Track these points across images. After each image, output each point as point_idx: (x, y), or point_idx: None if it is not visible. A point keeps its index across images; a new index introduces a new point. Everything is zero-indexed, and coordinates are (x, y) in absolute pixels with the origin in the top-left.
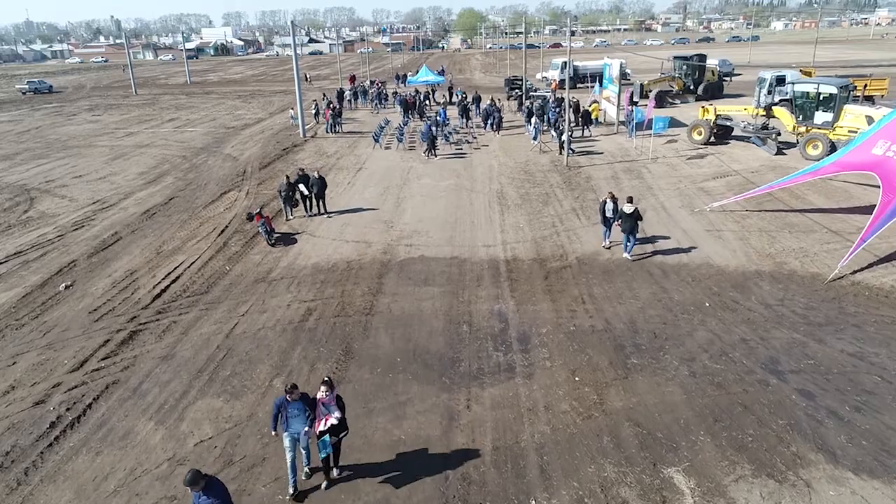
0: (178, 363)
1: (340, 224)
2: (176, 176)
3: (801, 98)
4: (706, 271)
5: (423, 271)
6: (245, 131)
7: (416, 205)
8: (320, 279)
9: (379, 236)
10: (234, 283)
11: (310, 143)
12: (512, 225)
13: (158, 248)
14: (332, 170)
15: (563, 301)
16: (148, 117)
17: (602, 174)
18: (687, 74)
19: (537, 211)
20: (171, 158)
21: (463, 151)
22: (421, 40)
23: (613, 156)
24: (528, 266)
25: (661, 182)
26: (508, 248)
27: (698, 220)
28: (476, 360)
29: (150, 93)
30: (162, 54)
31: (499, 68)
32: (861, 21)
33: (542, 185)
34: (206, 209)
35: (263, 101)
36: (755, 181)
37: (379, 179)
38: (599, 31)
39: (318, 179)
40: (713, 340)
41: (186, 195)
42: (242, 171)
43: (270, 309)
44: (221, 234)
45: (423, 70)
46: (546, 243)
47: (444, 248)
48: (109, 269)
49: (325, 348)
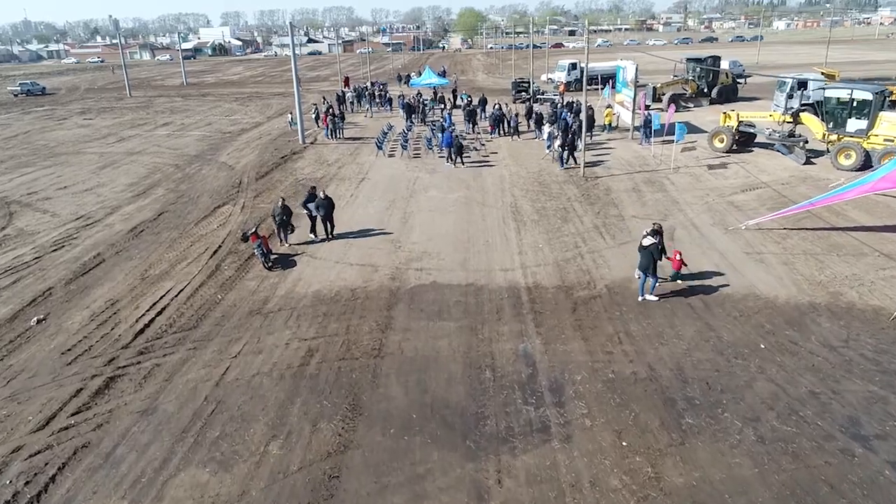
0: (160, 420)
1: (343, 244)
2: (167, 187)
3: (833, 104)
4: (753, 304)
5: (436, 301)
6: (242, 137)
7: (424, 221)
8: (322, 311)
9: (386, 258)
10: (227, 315)
11: (309, 150)
12: (530, 245)
13: (144, 272)
14: (333, 180)
15: (597, 340)
16: (141, 121)
17: (622, 186)
18: (700, 77)
19: (556, 228)
20: (162, 167)
21: (471, 160)
22: (421, 40)
23: (631, 165)
24: (553, 295)
25: (686, 195)
26: (528, 272)
27: (734, 241)
28: (504, 416)
29: (144, 95)
30: (159, 54)
31: (501, 69)
32: (864, 21)
33: (558, 198)
34: (197, 226)
35: (261, 104)
36: (787, 194)
37: (383, 191)
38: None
39: (324, 200)
40: (777, 394)
41: (177, 209)
42: (238, 182)
43: (267, 349)
44: (214, 255)
45: (426, 72)
46: (570, 267)
47: (458, 272)
48: (88, 299)
49: (329, 401)
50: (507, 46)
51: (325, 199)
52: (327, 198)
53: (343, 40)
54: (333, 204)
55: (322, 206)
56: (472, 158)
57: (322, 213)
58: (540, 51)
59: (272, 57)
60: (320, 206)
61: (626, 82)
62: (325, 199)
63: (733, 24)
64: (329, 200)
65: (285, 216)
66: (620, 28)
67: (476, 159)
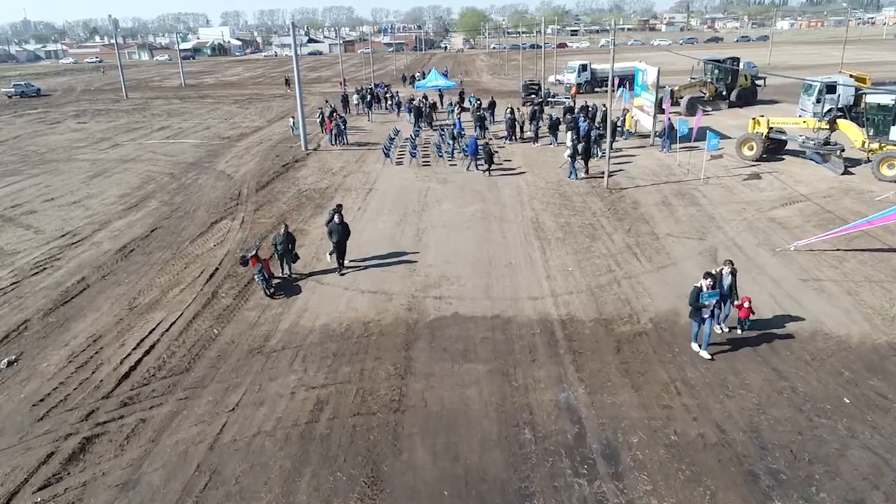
0: (143, 497)
1: (353, 266)
2: (161, 199)
3: (875, 111)
4: (824, 344)
5: (460, 338)
6: (241, 142)
7: (439, 238)
8: (332, 350)
9: (400, 284)
10: (224, 354)
11: (312, 158)
12: (558, 267)
13: (132, 300)
14: (338, 191)
15: (650, 390)
16: (137, 125)
17: (650, 199)
18: (719, 79)
19: (585, 248)
20: (157, 176)
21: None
22: (423, 40)
23: (656, 175)
24: (591, 330)
25: (721, 210)
26: (560, 301)
27: (786, 265)
28: (552, 492)
29: (142, 97)
30: (158, 55)
31: (507, 69)
32: (868, 21)
33: (582, 212)
34: (193, 244)
35: (261, 107)
36: (831, 209)
37: (393, 204)
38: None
39: (338, 225)
40: (879, 466)
41: (171, 225)
42: (237, 194)
43: (269, 399)
44: (210, 279)
45: (432, 73)
46: (606, 296)
47: (482, 301)
48: (68, 335)
49: (344, 472)
50: (509, 46)
51: (340, 225)
52: (343, 223)
53: (344, 40)
54: (349, 230)
55: (336, 232)
56: (484, 167)
57: (335, 240)
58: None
59: (272, 57)
60: (333, 232)
61: (646, 85)
62: (341, 224)
63: (736, 24)
64: (344, 226)
65: (289, 244)
66: (623, 28)
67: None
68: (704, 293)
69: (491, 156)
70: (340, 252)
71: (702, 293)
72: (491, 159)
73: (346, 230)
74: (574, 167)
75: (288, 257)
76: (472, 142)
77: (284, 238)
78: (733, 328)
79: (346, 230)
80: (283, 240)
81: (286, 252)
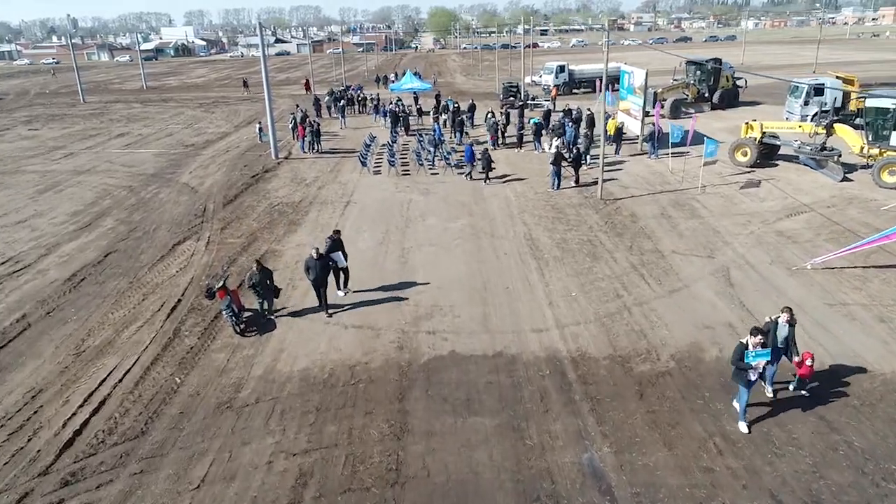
0: None
1: (335, 295)
2: (118, 217)
3: (875, 115)
4: (869, 385)
5: (460, 383)
6: (206, 150)
7: (427, 259)
8: (314, 404)
9: (388, 316)
10: (187, 411)
11: (284, 167)
12: (560, 292)
13: (80, 343)
14: (313, 204)
15: (686, 448)
16: (94, 131)
17: (648, 210)
18: (701, 80)
19: (586, 269)
20: (114, 190)
21: (467, 175)
22: (393, 40)
23: (650, 183)
24: (607, 370)
25: (724, 223)
26: (568, 334)
27: (805, 286)
28: None
29: (100, 100)
30: (118, 55)
31: (480, 70)
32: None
33: (578, 226)
34: (152, 270)
35: (228, 111)
36: (838, 220)
37: (374, 219)
38: (572, 30)
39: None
40: None
41: (128, 248)
42: (202, 209)
43: (242, 472)
44: (171, 313)
45: (406, 75)
46: (617, 326)
47: (480, 335)
48: (2, 390)
49: None
50: (481, 46)
51: (317, 260)
52: (321, 256)
53: (312, 40)
54: (328, 266)
55: (313, 269)
56: (467, 173)
57: (311, 278)
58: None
59: (238, 58)
60: (310, 269)
61: (632, 88)
62: (318, 258)
63: (703, 24)
64: (322, 261)
65: (267, 280)
66: (592, 28)
67: (474, 177)
68: (751, 352)
69: (490, 163)
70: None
71: (747, 352)
72: (490, 167)
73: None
74: (557, 176)
75: (267, 295)
76: (469, 149)
77: (259, 275)
78: (783, 385)
79: (327, 266)
80: (258, 278)
81: (264, 290)
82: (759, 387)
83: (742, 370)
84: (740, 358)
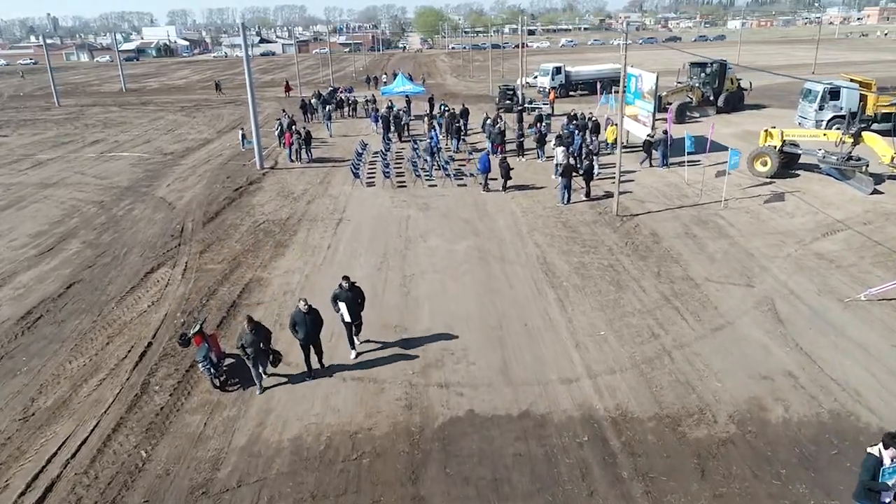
0: None
1: (329, 337)
2: (85, 238)
3: None
4: None
5: (483, 456)
6: (187, 159)
7: (432, 290)
8: (308, 488)
9: (392, 364)
10: (154, 497)
11: (269, 179)
12: (586, 330)
13: (30, 403)
14: (302, 222)
15: None
16: (67, 138)
17: (669, 229)
18: (705, 83)
19: (612, 301)
20: (83, 207)
21: (466, 187)
22: (380, 40)
23: (667, 197)
24: (656, 435)
25: (757, 244)
26: (602, 385)
27: (866, 322)
28: None
29: (76, 104)
30: (98, 56)
31: (471, 71)
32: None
33: (595, 247)
34: (120, 305)
35: (211, 115)
36: (879, 239)
37: (369, 240)
38: (560, 30)
39: (304, 315)
40: None
41: (94, 277)
42: (180, 229)
43: None
44: (140, 361)
45: (398, 78)
46: (659, 375)
47: (500, 388)
48: None
49: None
50: (470, 46)
51: (307, 314)
52: (311, 309)
53: (298, 40)
54: (321, 320)
55: (301, 325)
56: (468, 186)
57: (300, 336)
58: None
59: (222, 58)
60: (298, 325)
61: (640, 93)
62: (308, 311)
63: (690, 24)
64: (313, 314)
65: (260, 342)
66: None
67: (476, 189)
68: (887, 468)
69: (509, 171)
70: (316, 348)
71: (883, 468)
72: (508, 175)
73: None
74: (567, 190)
75: (260, 359)
76: (485, 158)
77: (252, 334)
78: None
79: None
80: (250, 339)
81: (257, 353)
82: None
83: (875, 491)
84: (873, 475)
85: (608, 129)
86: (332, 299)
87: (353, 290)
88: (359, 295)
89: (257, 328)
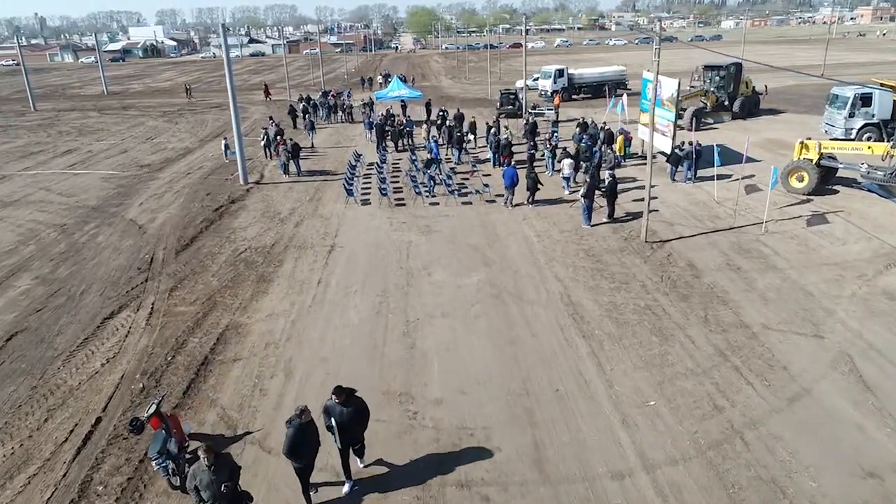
0: None
1: (317, 403)
2: (39, 272)
3: None
4: None
5: None
6: (164, 173)
7: (441, 341)
8: None
9: (400, 449)
10: None
11: (254, 195)
12: (632, 398)
13: None
14: (288, 250)
15: None
16: (38, 147)
17: (708, 259)
18: (720, 87)
19: (657, 356)
20: (42, 231)
21: (471, 205)
22: (372, 40)
23: (697, 218)
24: None
25: (812, 279)
26: (664, 483)
27: None
28: None
29: (53, 108)
30: (83, 56)
31: (467, 73)
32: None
33: (626, 282)
34: (68, 364)
35: (194, 121)
36: None
37: (365, 273)
38: (553, 29)
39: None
40: None
41: (42, 325)
42: (149, 260)
43: None
44: (83, 447)
45: (394, 82)
46: (734, 468)
47: (536, 488)
48: None
49: None
50: (464, 47)
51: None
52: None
53: (288, 40)
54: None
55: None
56: (472, 204)
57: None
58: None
59: (210, 58)
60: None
61: (659, 101)
62: (309, 422)
63: (684, 24)
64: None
65: (223, 483)
66: (573, 27)
67: (482, 208)
68: None
69: (536, 184)
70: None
71: None
72: (536, 188)
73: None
74: (589, 211)
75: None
76: (511, 171)
77: (211, 472)
78: None
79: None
80: (207, 479)
81: (218, 500)
82: None
83: None
84: None
85: (618, 139)
86: (325, 411)
87: (350, 404)
88: (359, 411)
89: (219, 463)
